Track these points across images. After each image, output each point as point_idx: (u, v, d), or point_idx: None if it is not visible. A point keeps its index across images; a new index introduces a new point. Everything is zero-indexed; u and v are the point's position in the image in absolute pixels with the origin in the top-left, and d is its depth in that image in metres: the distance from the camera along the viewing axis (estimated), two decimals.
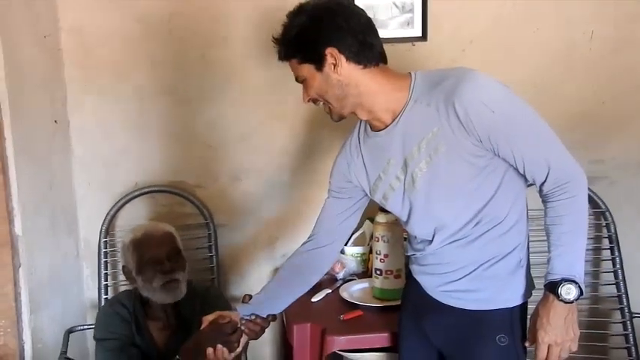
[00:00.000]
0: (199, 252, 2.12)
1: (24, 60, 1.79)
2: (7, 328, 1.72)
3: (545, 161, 1.11)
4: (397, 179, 1.21)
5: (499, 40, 2.06)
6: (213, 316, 1.37)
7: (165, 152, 2.11)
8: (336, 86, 1.16)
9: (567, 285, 1.09)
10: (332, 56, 1.13)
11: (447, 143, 1.11)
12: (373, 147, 1.25)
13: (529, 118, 1.12)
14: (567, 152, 1.14)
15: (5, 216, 1.69)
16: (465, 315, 1.21)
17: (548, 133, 1.13)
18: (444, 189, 1.15)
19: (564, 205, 1.11)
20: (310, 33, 1.14)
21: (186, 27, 2.03)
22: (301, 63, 1.17)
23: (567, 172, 1.11)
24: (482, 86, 1.10)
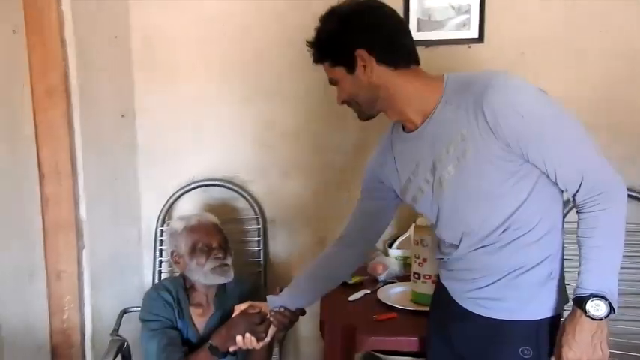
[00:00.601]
0: (249, 245, 2.19)
1: (95, 58, 1.94)
2: (70, 304, 1.88)
3: (578, 171, 1.06)
4: (426, 182, 1.19)
5: (561, 42, 1.97)
6: (245, 305, 1.43)
7: (221, 148, 2.21)
8: (367, 88, 1.16)
9: (596, 301, 1.04)
10: (362, 58, 1.13)
11: (475, 147, 1.09)
12: (404, 148, 1.24)
13: (562, 124, 1.07)
14: (604, 161, 1.07)
15: (72, 201, 1.84)
16: (489, 323, 1.18)
17: (584, 141, 1.07)
18: (472, 193, 1.12)
19: (597, 218, 1.06)
20: (341, 36, 1.14)
21: (242, 28, 2.11)
22: (333, 66, 1.18)
23: (602, 183, 1.05)
24: (513, 90, 1.07)
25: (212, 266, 1.68)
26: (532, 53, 1.99)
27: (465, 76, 1.15)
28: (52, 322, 1.86)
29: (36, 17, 1.75)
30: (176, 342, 1.63)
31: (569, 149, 1.07)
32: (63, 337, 1.87)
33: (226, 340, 1.46)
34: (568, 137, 1.07)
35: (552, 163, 1.07)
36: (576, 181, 1.06)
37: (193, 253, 1.70)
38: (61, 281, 1.85)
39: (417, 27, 1.99)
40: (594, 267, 1.07)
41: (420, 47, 1.93)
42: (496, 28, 1.97)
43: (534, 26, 1.97)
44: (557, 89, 1.95)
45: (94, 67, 1.93)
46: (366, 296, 1.77)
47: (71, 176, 1.82)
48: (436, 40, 1.99)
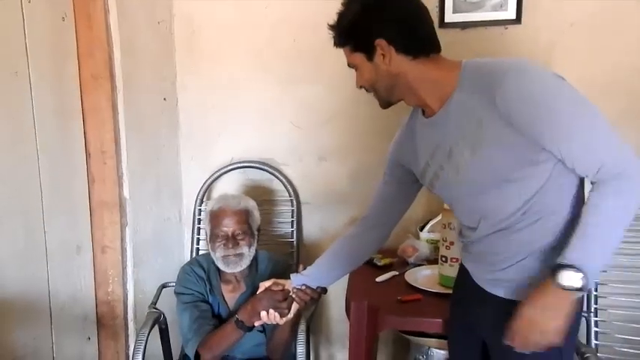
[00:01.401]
0: (283, 226, 2.25)
1: (139, 43, 2.02)
2: (114, 277, 2.00)
3: (595, 159, 1.03)
4: (441, 167, 1.20)
5: (605, 22, 1.90)
6: (269, 282, 1.49)
7: (258, 131, 2.26)
8: (385, 76, 1.17)
9: (572, 273, 1.01)
10: (382, 48, 1.14)
11: (490, 133, 1.08)
12: (423, 133, 1.25)
13: (577, 112, 1.04)
14: (624, 146, 1.04)
15: (116, 180, 1.94)
16: (509, 305, 1.16)
17: (600, 127, 1.04)
18: (488, 178, 1.12)
19: (605, 198, 1.03)
20: (362, 23, 1.15)
21: (282, 12, 2.14)
22: (353, 51, 1.18)
23: (620, 168, 1.02)
24: (527, 78, 1.05)
25: (221, 255, 1.73)
26: (570, 35, 1.93)
27: (483, 63, 1.13)
28: (98, 294, 1.98)
29: (83, 4, 1.84)
30: (206, 315, 1.71)
31: (586, 137, 1.04)
32: (107, 308, 1.99)
33: (251, 315, 1.52)
34: (583, 125, 1.04)
35: (569, 152, 1.05)
36: (594, 168, 1.04)
37: (210, 238, 1.77)
38: (106, 256, 1.96)
39: (452, 8, 1.96)
40: (584, 243, 1.04)
41: (455, 29, 1.98)
42: (534, 8, 1.92)
43: (573, 8, 1.91)
44: (595, 73, 1.92)
45: (138, 52, 2.01)
46: (394, 278, 1.79)
47: (115, 156, 1.92)
48: (472, 22, 1.96)
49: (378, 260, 1.89)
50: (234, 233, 1.75)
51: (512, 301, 1.17)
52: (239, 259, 1.74)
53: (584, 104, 1.05)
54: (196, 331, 1.65)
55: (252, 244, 1.78)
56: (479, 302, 1.25)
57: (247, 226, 1.79)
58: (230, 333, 1.59)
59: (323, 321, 2.33)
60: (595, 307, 1.92)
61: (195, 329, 1.65)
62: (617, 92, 1.93)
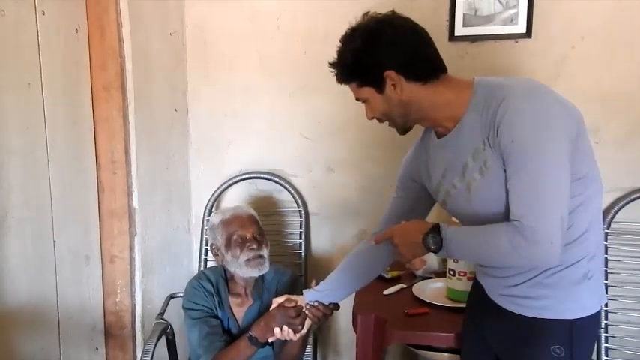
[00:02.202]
0: (291, 237, 2.25)
1: (151, 54, 2.05)
2: (122, 287, 2.00)
3: (526, 212, 1.03)
4: (454, 186, 1.20)
5: (615, 36, 1.89)
6: (282, 298, 1.49)
7: (268, 141, 2.27)
8: (398, 105, 1.16)
9: (437, 239, 1.14)
10: (392, 78, 1.13)
11: (493, 155, 1.08)
12: (436, 153, 1.25)
13: (542, 166, 1.02)
14: (555, 220, 1.02)
15: (125, 190, 1.96)
16: (522, 321, 1.17)
17: (550, 192, 1.03)
18: (498, 198, 1.10)
19: (505, 233, 1.05)
20: (367, 57, 1.13)
21: (293, 23, 2.16)
22: (361, 86, 1.17)
23: (535, 233, 1.01)
24: (522, 109, 1.04)
25: (246, 257, 1.72)
26: (581, 49, 1.93)
27: (493, 82, 1.13)
28: (106, 303, 1.99)
29: (96, 16, 1.87)
30: (217, 331, 1.70)
31: (532, 189, 1.03)
32: (115, 318, 2.00)
33: (265, 331, 1.52)
34: (536, 180, 1.03)
35: (514, 187, 1.05)
36: (519, 216, 1.04)
37: (229, 245, 1.75)
38: (115, 265, 1.97)
39: (462, 22, 1.97)
40: (464, 236, 1.14)
41: (465, 43, 1.98)
42: (545, 23, 1.93)
43: (583, 22, 1.91)
44: (606, 85, 1.92)
45: (150, 63, 2.03)
46: (402, 291, 1.78)
47: (125, 166, 1.94)
48: (482, 36, 1.96)
49: (386, 273, 1.88)
50: (254, 234, 1.77)
51: (526, 317, 1.17)
52: (263, 260, 1.74)
53: (551, 159, 1.03)
54: (207, 347, 1.64)
55: (268, 247, 1.79)
56: (492, 317, 1.25)
57: (261, 230, 1.81)
58: (243, 349, 1.58)
59: (331, 332, 2.33)
60: (605, 322, 1.90)
61: (206, 346, 1.64)
62: (629, 104, 1.92)
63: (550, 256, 1.03)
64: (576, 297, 1.15)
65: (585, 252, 1.13)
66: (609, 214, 1.93)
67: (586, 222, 1.12)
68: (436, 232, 1.14)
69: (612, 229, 1.93)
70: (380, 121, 1.24)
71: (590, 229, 1.14)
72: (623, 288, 1.94)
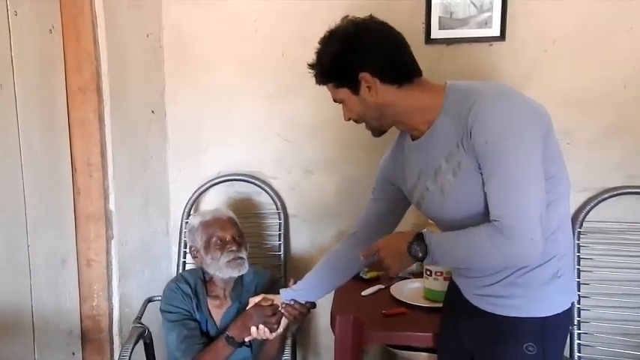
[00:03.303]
0: (270, 239, 2.25)
1: (128, 56, 2.03)
2: (99, 292, 1.98)
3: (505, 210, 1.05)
4: (427, 189, 1.22)
5: (586, 39, 1.94)
6: (259, 298, 1.50)
7: (247, 143, 2.27)
8: (373, 108, 1.18)
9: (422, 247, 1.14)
10: (366, 80, 1.15)
11: (466, 155, 1.11)
12: (411, 155, 1.27)
13: (517, 164, 1.05)
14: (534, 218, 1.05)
15: (101, 193, 1.93)
16: (495, 320, 1.19)
17: (526, 189, 1.05)
18: (471, 200, 1.13)
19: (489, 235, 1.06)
20: (343, 59, 1.16)
21: (271, 26, 2.16)
22: (338, 87, 1.19)
23: (514, 230, 1.04)
24: (494, 112, 1.07)
25: (226, 260, 1.73)
26: (553, 52, 1.97)
27: (464, 87, 1.15)
28: (82, 308, 1.96)
29: (71, 17, 1.85)
30: (195, 333, 1.70)
31: (502, 186, 1.06)
32: (92, 322, 1.97)
33: (242, 331, 1.52)
34: (508, 177, 1.06)
35: (491, 187, 1.07)
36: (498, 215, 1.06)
37: (208, 247, 1.76)
38: (91, 269, 1.95)
39: (438, 25, 1.99)
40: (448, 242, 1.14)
41: (441, 45, 2.01)
42: (518, 26, 1.96)
43: (557, 25, 1.95)
44: (578, 88, 1.96)
45: (126, 65, 2.02)
46: (380, 291, 1.79)
47: (101, 169, 1.91)
48: (457, 39, 1.99)
49: (364, 273, 1.90)
50: (234, 236, 1.78)
51: (499, 316, 1.19)
52: (243, 261, 1.75)
53: (525, 157, 1.05)
54: (185, 350, 1.64)
55: (247, 249, 1.80)
56: (467, 317, 1.27)
57: (240, 232, 1.82)
58: (221, 350, 1.59)
59: (310, 333, 2.33)
60: (578, 319, 1.95)
61: (184, 349, 1.64)
62: (601, 106, 1.97)
63: (532, 252, 1.05)
64: (547, 295, 1.17)
65: (555, 251, 1.16)
66: (581, 214, 1.97)
67: (555, 221, 1.15)
68: (420, 240, 1.14)
69: (584, 228, 1.98)
70: (356, 122, 1.26)
71: (560, 228, 1.16)
72: (595, 286, 1.98)
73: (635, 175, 1.98)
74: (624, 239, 1.98)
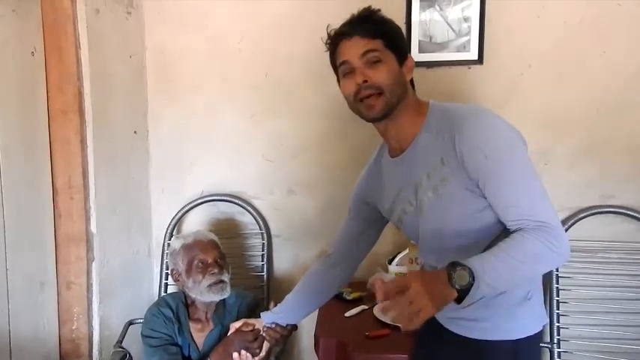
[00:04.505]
0: (253, 259, 2.25)
1: (110, 76, 2.03)
2: (79, 315, 1.95)
3: (523, 213, 1.07)
4: (410, 204, 1.23)
5: (561, 63, 2.00)
6: (240, 323, 1.49)
7: (229, 164, 2.27)
8: (401, 84, 1.18)
9: (463, 272, 0.99)
10: (411, 61, 1.21)
11: (451, 175, 1.12)
12: (390, 172, 1.28)
13: (519, 170, 1.09)
14: (549, 206, 1.08)
15: (83, 215, 1.92)
16: (468, 344, 1.20)
17: (534, 186, 1.09)
18: (450, 218, 1.15)
19: (530, 238, 1.04)
20: (402, 35, 1.23)
21: (253, 47, 2.18)
22: (388, 48, 1.16)
23: (544, 223, 1.05)
24: (482, 129, 1.10)
25: (208, 283, 1.72)
26: (529, 76, 2.03)
27: (447, 107, 1.19)
28: (62, 331, 1.93)
29: (54, 39, 1.85)
30: (176, 359, 1.68)
31: (522, 193, 1.09)
32: (72, 346, 1.94)
33: (224, 357, 1.52)
34: (523, 182, 1.09)
35: (504, 201, 1.09)
36: (523, 217, 1.07)
37: (190, 270, 1.75)
38: (71, 292, 1.92)
39: (418, 48, 2.03)
40: (490, 260, 1.03)
41: (421, 68, 2.05)
42: (495, 50, 2.02)
43: (532, 49, 2.01)
44: (554, 110, 2.02)
45: (109, 86, 2.02)
46: (363, 312, 1.80)
47: (83, 190, 1.90)
48: (437, 62, 2.04)
49: (347, 294, 1.90)
50: (216, 259, 1.77)
51: (471, 340, 1.20)
52: (225, 285, 1.74)
53: (525, 163, 1.10)
54: None
55: (229, 271, 1.79)
56: (441, 338, 1.27)
57: (222, 255, 1.81)
58: None
59: (294, 354, 2.32)
60: (558, 337, 1.97)
61: None
62: (576, 127, 2.03)
63: (567, 242, 1.08)
64: (518, 318, 1.19)
65: None
66: None
67: None
68: (461, 267, 1.01)
69: None
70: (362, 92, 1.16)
71: None
72: (573, 304, 2.02)
73: (609, 194, 2.04)
74: (601, 257, 2.02)
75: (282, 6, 2.14)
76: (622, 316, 2.00)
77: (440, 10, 2.02)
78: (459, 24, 2.00)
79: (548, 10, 1.98)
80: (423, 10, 2.02)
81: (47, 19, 1.83)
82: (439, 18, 2.02)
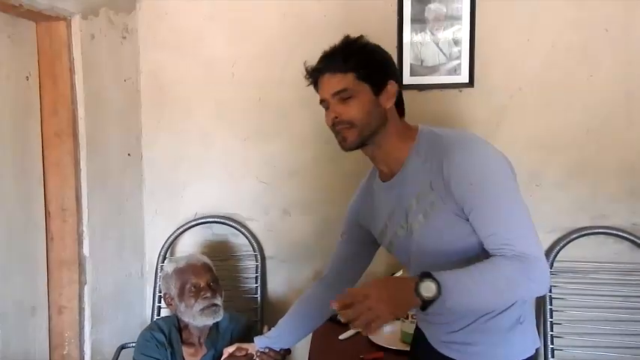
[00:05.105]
0: (247, 281, 2.24)
1: (105, 100, 2.04)
2: (70, 339, 1.93)
3: (507, 238, 1.07)
4: (401, 228, 1.24)
5: (550, 86, 2.03)
6: (233, 348, 1.48)
7: (223, 186, 2.28)
8: (379, 116, 1.18)
9: (432, 285, 1.00)
10: (392, 87, 1.18)
11: (439, 199, 1.14)
12: (381, 196, 1.29)
13: (504, 196, 1.10)
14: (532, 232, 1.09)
15: (75, 238, 1.91)
16: None
17: (519, 215, 1.10)
18: (440, 242, 1.16)
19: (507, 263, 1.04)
20: (381, 58, 1.20)
21: (246, 71, 2.21)
22: (360, 79, 1.16)
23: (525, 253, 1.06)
24: (471, 156, 1.11)
25: (201, 307, 1.71)
26: (519, 98, 2.05)
27: (436, 132, 1.20)
28: (53, 356, 1.91)
29: (49, 63, 1.87)
30: None
31: (504, 223, 1.09)
32: None
33: None
34: (505, 212, 1.10)
35: (486, 230, 1.10)
36: (503, 246, 1.08)
37: (182, 294, 1.74)
38: (63, 316, 1.91)
39: (410, 71, 2.06)
40: (462, 277, 1.04)
41: (413, 91, 2.07)
42: (485, 73, 2.05)
43: (522, 73, 2.04)
44: (544, 132, 2.04)
45: (103, 109, 2.03)
46: (357, 335, 1.79)
47: (76, 214, 1.90)
48: (428, 85, 2.06)
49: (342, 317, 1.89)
50: (209, 282, 1.76)
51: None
52: (218, 308, 1.74)
53: (510, 193, 1.11)
54: None
55: (222, 295, 1.79)
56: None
57: (215, 278, 1.80)
58: None
59: None
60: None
61: None
62: (566, 149, 2.05)
63: (548, 275, 1.08)
64: (509, 341, 1.19)
65: None
66: (552, 254, 2.02)
67: None
68: (431, 279, 1.02)
69: (555, 267, 2.02)
70: (338, 124, 1.18)
71: None
72: (567, 326, 2.01)
73: (600, 215, 2.05)
74: (593, 279, 2.02)
75: (275, 31, 2.17)
76: (616, 337, 1.99)
77: (431, 34, 2.05)
78: (449, 47, 2.04)
79: (537, 34, 2.02)
80: (415, 33, 2.06)
81: (42, 44, 1.85)
82: (430, 41, 2.05)
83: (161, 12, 2.23)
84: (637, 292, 1.99)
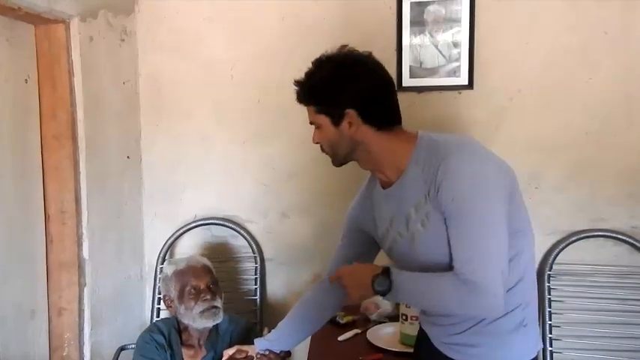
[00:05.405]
0: (246, 283, 2.24)
1: (103, 102, 2.04)
2: (70, 341, 1.93)
3: (468, 261, 1.08)
4: (400, 235, 1.24)
5: (549, 89, 2.03)
6: (233, 350, 1.48)
7: (223, 188, 2.28)
8: (348, 142, 1.19)
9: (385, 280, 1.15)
10: (350, 117, 1.16)
11: (434, 210, 1.13)
12: (382, 203, 1.29)
13: (481, 219, 1.09)
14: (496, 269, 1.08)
15: (75, 240, 1.91)
16: None
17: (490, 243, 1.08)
18: (440, 249, 1.15)
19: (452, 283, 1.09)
20: (333, 89, 1.16)
21: (245, 74, 2.21)
22: (319, 113, 1.19)
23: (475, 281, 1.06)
24: (461, 171, 1.10)
25: (201, 309, 1.71)
26: (518, 100, 2.05)
27: (435, 139, 1.19)
28: (52, 358, 1.91)
29: (48, 66, 1.87)
30: None
31: (467, 247, 1.09)
32: None
33: None
34: (473, 237, 1.09)
35: (454, 247, 1.11)
36: (460, 269, 1.09)
37: (182, 296, 1.74)
38: (62, 318, 1.91)
39: (409, 74, 2.06)
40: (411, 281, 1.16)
41: (412, 93, 2.08)
42: (485, 76, 2.05)
43: (521, 75, 2.04)
44: (543, 134, 2.05)
45: (102, 111, 2.03)
46: (356, 336, 1.79)
47: (75, 216, 1.90)
48: (427, 87, 2.06)
49: (341, 318, 1.90)
50: (208, 285, 1.76)
51: None
52: (217, 310, 1.73)
53: (486, 218, 1.09)
54: None
55: (222, 297, 1.78)
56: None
57: (215, 280, 1.80)
58: None
59: None
60: None
61: None
62: (565, 151, 2.05)
63: (494, 307, 1.08)
64: (510, 344, 1.19)
65: (519, 301, 1.18)
66: (551, 257, 2.02)
67: (519, 273, 1.18)
68: (386, 276, 1.16)
69: (554, 270, 2.02)
70: (323, 149, 1.25)
71: (523, 279, 1.19)
72: (566, 328, 2.01)
73: (599, 218, 2.05)
74: (593, 281, 2.02)
75: (274, 33, 2.17)
76: (615, 340, 1.99)
77: (430, 36, 2.06)
78: (449, 50, 2.04)
79: (536, 36, 2.02)
80: (414, 36, 2.06)
81: (41, 47, 1.85)
82: (429, 43, 2.05)
83: (160, 14, 2.23)
84: (636, 295, 1.99)
